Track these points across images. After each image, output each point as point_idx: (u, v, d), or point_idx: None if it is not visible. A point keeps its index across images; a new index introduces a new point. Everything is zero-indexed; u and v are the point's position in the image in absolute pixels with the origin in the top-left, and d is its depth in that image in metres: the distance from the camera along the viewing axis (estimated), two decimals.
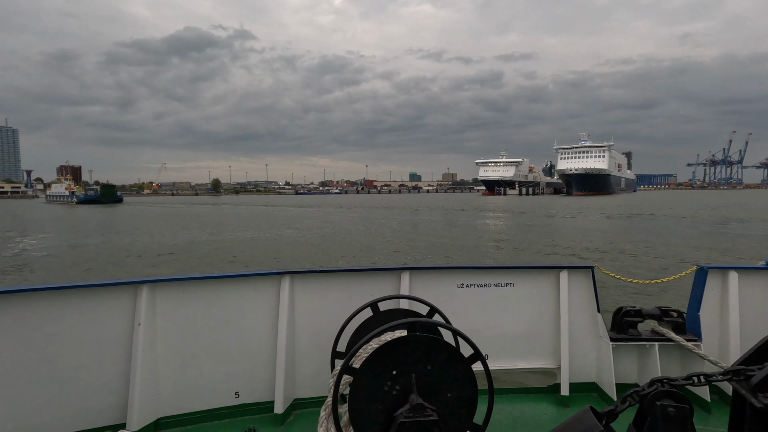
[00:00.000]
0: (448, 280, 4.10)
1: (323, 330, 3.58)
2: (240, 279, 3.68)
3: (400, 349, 2.52)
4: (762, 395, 2.52)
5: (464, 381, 2.58)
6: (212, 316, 3.56)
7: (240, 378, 3.63)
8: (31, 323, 3.07)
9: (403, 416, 2.41)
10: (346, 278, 3.91)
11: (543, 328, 4.21)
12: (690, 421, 2.74)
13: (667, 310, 4.25)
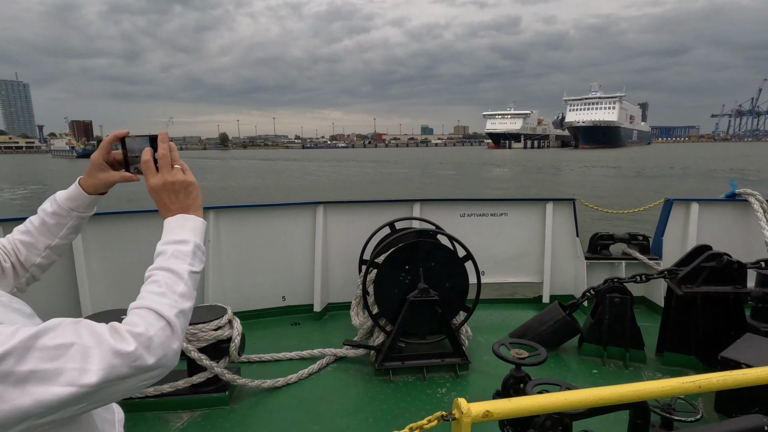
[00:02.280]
0: (452, 210, 4.83)
1: (350, 249, 4.36)
2: (284, 207, 4.48)
3: (411, 250, 3.30)
4: (684, 286, 3.30)
5: (459, 275, 3.37)
6: (263, 236, 4.38)
7: (285, 285, 4.49)
8: (125, 239, 3.91)
9: (413, 297, 3.22)
10: (368, 207, 4.66)
11: (530, 250, 4.95)
12: (630, 307, 3.55)
13: (635, 235, 4.96)
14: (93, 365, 0.65)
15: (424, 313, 3.25)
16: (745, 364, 2.29)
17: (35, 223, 1.05)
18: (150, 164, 0.93)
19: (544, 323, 3.79)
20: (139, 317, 0.74)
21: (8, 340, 0.61)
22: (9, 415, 0.60)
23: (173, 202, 0.94)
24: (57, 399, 0.62)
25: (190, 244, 0.89)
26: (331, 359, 3.50)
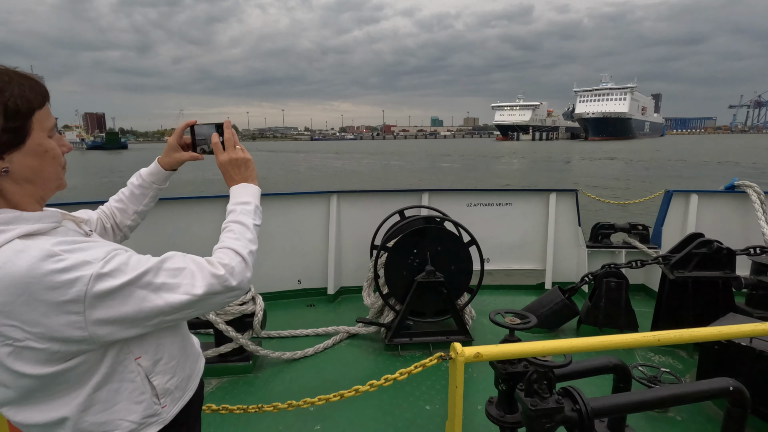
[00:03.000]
0: (459, 200, 5.04)
1: (362, 235, 4.59)
2: (300, 196, 4.72)
3: (419, 235, 3.53)
4: (676, 271, 3.49)
5: (463, 258, 3.59)
6: (280, 223, 4.63)
7: (301, 269, 4.75)
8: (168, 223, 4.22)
9: (420, 278, 3.45)
10: (380, 196, 4.89)
11: (534, 239, 5.15)
12: (625, 291, 3.75)
13: (636, 225, 5.12)
14: (199, 282, 0.91)
15: (431, 293, 3.48)
16: (724, 339, 2.49)
17: (126, 194, 1.33)
18: (219, 145, 1.18)
19: (545, 306, 4.00)
20: (223, 254, 0.99)
21: (147, 263, 0.87)
22: (149, 312, 0.86)
23: (237, 174, 1.19)
24: (178, 302, 0.88)
25: (251, 204, 1.16)
26: (344, 336, 3.76)
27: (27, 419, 0.89)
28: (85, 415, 0.89)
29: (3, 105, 0.81)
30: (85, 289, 0.79)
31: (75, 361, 0.85)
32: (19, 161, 0.86)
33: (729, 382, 1.94)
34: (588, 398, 1.80)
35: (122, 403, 0.93)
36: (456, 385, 1.38)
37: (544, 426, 1.72)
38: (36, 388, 0.86)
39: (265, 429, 2.64)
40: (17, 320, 0.78)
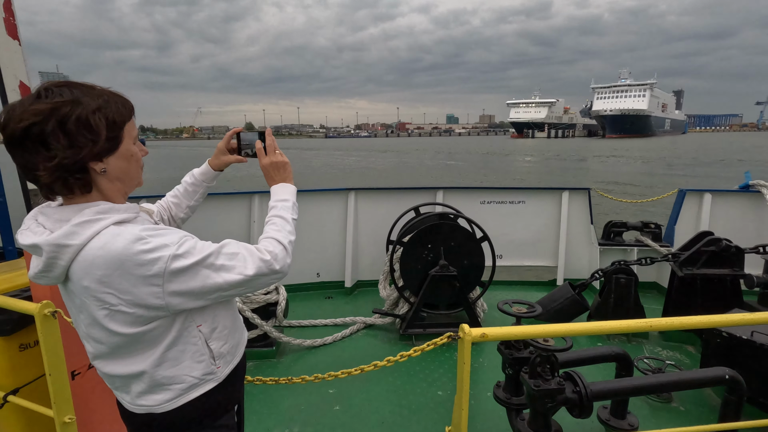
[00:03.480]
0: (473, 198, 5.15)
1: (378, 231, 4.76)
2: (319, 192, 4.92)
3: (433, 231, 3.67)
4: (685, 268, 3.56)
5: (476, 254, 3.72)
6: (300, 218, 4.81)
7: (320, 263, 4.95)
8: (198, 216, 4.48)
9: (434, 272, 3.60)
10: (396, 193, 5.04)
11: (546, 236, 5.23)
12: (635, 287, 3.83)
13: (648, 223, 5.16)
14: (250, 265, 1.09)
15: (444, 286, 3.62)
16: (725, 333, 2.58)
17: (180, 190, 1.53)
18: (262, 150, 1.36)
19: (555, 301, 4.10)
20: (268, 243, 1.17)
21: (210, 247, 1.06)
22: (210, 287, 1.04)
23: (277, 175, 1.38)
24: (233, 281, 1.06)
25: (290, 201, 1.34)
26: (361, 326, 3.94)
27: (113, 371, 1.09)
28: (158, 369, 1.08)
29: (106, 119, 0.99)
30: (165, 267, 0.97)
31: (153, 325, 1.04)
32: (113, 163, 1.04)
33: (725, 371, 2.04)
34: (589, 382, 1.93)
35: (187, 362, 1.11)
36: (464, 361, 1.53)
37: (546, 405, 1.86)
38: (123, 344, 1.05)
39: (288, 407, 2.83)
40: (113, 289, 0.97)
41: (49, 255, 0.97)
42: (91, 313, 1.01)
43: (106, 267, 0.95)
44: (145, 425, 1.15)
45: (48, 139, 0.94)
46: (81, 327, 1.09)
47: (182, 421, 1.14)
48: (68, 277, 1.01)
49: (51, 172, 0.95)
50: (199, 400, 1.14)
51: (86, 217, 0.98)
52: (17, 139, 0.94)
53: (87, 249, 0.96)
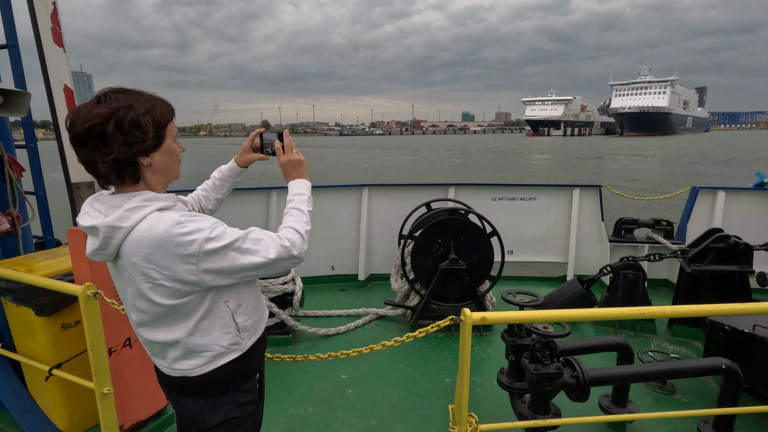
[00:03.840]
0: (485, 194, 5.23)
1: (391, 226, 4.88)
2: (334, 188, 5.08)
3: (444, 226, 3.78)
4: (693, 264, 3.60)
5: (485, 248, 3.82)
6: (315, 213, 4.98)
7: (334, 257, 5.10)
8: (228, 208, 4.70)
9: (444, 266, 3.71)
10: (408, 190, 5.16)
11: (557, 232, 5.28)
12: (642, 283, 3.87)
13: (660, 221, 5.16)
14: (272, 250, 1.23)
15: (454, 280, 3.74)
16: (728, 326, 2.63)
17: (209, 185, 1.69)
18: (280, 150, 1.50)
19: (563, 295, 4.17)
20: (287, 231, 1.31)
21: (237, 233, 1.20)
22: (237, 268, 1.19)
23: (294, 172, 1.52)
24: (257, 263, 1.21)
25: (305, 195, 1.48)
26: (373, 317, 4.08)
27: (153, 338, 1.25)
28: (191, 338, 1.23)
29: (152, 120, 1.16)
30: (199, 248, 1.12)
31: (188, 299, 1.19)
32: (157, 158, 1.20)
33: (722, 361, 2.11)
34: (587, 368, 2.03)
35: (215, 333, 1.26)
36: (465, 342, 1.65)
37: (545, 388, 1.96)
38: (163, 314, 1.20)
39: (303, 390, 2.98)
40: (156, 265, 1.12)
41: (104, 235, 1.13)
42: (137, 285, 1.17)
43: (151, 246, 1.11)
44: (180, 387, 1.31)
45: (107, 138, 1.10)
46: (127, 298, 1.25)
47: (212, 384, 1.29)
48: (119, 255, 1.17)
49: (108, 165, 1.12)
50: (226, 367, 1.29)
51: (135, 203, 1.14)
52: (81, 137, 1.11)
53: (136, 230, 1.13)
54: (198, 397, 1.30)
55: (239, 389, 1.34)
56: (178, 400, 1.34)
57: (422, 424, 2.63)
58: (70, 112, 1.13)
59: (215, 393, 1.31)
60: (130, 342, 2.39)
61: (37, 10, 2.04)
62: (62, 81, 2.11)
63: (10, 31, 2.63)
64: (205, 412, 1.30)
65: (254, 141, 1.58)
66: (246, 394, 1.36)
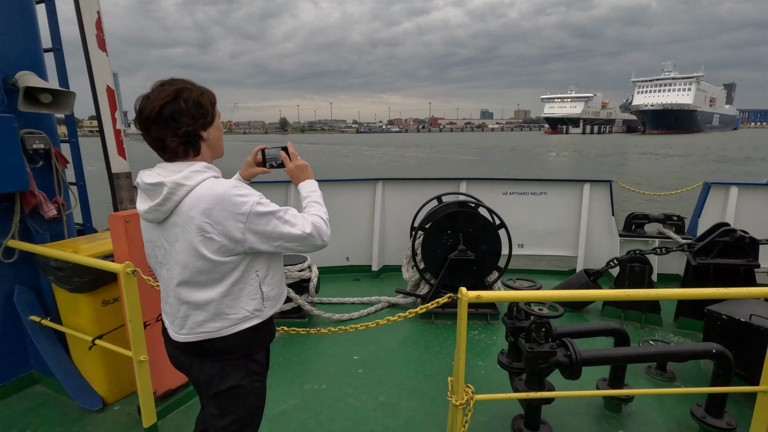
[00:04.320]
0: (496, 189, 5.34)
1: (404, 219, 5.04)
2: (349, 182, 5.28)
3: (453, 218, 3.92)
4: (698, 258, 3.66)
5: (493, 240, 3.95)
6: (331, 206, 5.18)
7: (349, 248, 5.31)
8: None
9: (453, 256, 3.85)
10: (421, 184, 5.32)
11: (567, 227, 5.34)
12: (648, 276, 3.92)
13: (671, 216, 5.17)
14: (307, 226, 1.43)
15: (463, 270, 3.88)
16: (726, 315, 2.71)
17: None
18: (287, 158, 1.73)
19: (571, 287, 4.27)
20: (315, 218, 1.51)
21: (279, 207, 1.40)
22: (277, 234, 1.36)
23: (302, 175, 1.73)
24: (294, 234, 1.39)
25: (317, 192, 1.69)
26: (385, 305, 4.25)
27: (190, 297, 1.41)
28: (223, 300, 1.41)
29: (209, 100, 1.38)
30: (250, 209, 1.31)
31: (228, 259, 1.36)
32: (212, 133, 1.42)
33: (713, 346, 2.21)
34: (580, 349, 2.16)
35: (244, 298, 1.43)
36: (461, 318, 1.81)
37: (539, 366, 2.10)
38: (204, 270, 1.36)
39: (317, 369, 3.18)
40: (211, 220, 1.30)
41: (169, 190, 1.31)
42: (188, 239, 1.33)
43: (211, 201, 1.30)
44: (200, 351, 1.45)
45: (176, 115, 1.31)
46: (173, 255, 1.39)
47: (232, 348, 1.45)
48: (173, 213, 1.34)
49: (179, 138, 1.33)
50: (246, 332, 1.46)
51: (197, 168, 1.35)
52: (154, 117, 1.30)
53: (197, 189, 1.32)
54: (216, 360, 1.45)
55: (253, 358, 1.51)
56: (195, 363, 1.48)
57: (427, 402, 2.80)
58: (138, 99, 1.34)
59: (233, 357, 1.46)
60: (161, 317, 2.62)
61: (84, 19, 2.27)
62: (105, 82, 2.34)
63: (55, 36, 2.90)
64: (220, 375, 1.45)
65: (257, 156, 1.76)
66: (257, 365, 1.52)
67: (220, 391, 1.47)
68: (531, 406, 2.31)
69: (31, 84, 2.47)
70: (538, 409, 2.32)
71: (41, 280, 2.90)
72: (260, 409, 1.59)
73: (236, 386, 1.47)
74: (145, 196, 1.38)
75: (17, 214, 2.70)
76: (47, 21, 2.89)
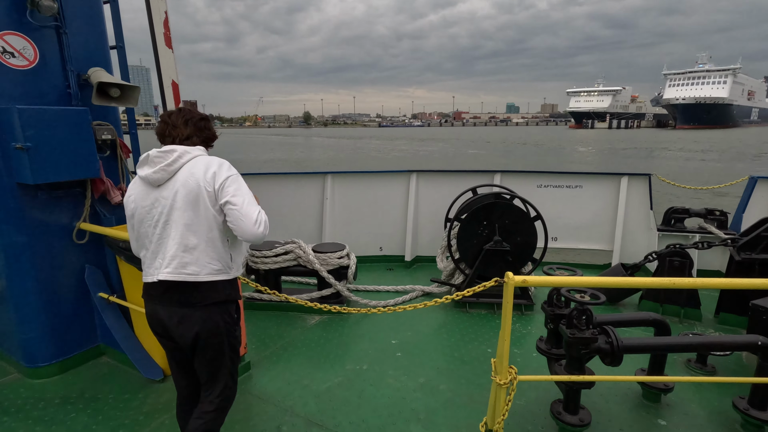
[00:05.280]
0: (530, 182, 5.29)
1: (437, 211, 5.10)
2: (384, 174, 5.38)
3: (489, 209, 3.96)
4: (743, 253, 3.59)
5: (528, 232, 3.96)
6: (366, 197, 5.31)
7: (383, 238, 5.41)
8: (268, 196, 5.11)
9: (488, 247, 3.90)
10: (455, 176, 5.35)
11: (603, 220, 5.24)
12: (689, 271, 3.83)
13: (713, 210, 4.93)
14: (255, 209, 1.74)
15: (497, 260, 3.91)
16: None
17: None
18: None
19: None
20: (264, 216, 1.79)
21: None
22: (241, 192, 1.73)
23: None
24: (246, 198, 1.73)
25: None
26: (419, 293, 4.34)
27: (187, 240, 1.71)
28: (206, 248, 1.72)
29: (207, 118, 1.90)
30: (228, 174, 1.74)
31: (212, 210, 1.70)
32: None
33: (758, 338, 2.19)
34: (621, 337, 2.18)
35: (219, 254, 1.76)
36: (507, 301, 1.86)
37: (580, 351, 2.14)
38: (198, 214, 1.70)
39: (358, 351, 3.30)
40: (206, 177, 1.69)
41: (178, 154, 1.71)
42: (189, 188, 1.68)
43: (205, 166, 1.72)
44: (192, 291, 1.73)
45: (203, 124, 1.87)
46: (176, 205, 1.69)
47: (216, 293, 1.76)
48: (176, 174, 1.70)
49: (200, 138, 1.85)
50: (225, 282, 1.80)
51: (196, 147, 1.80)
52: (196, 120, 1.84)
53: (198, 158, 1.75)
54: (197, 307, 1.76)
55: (226, 308, 1.83)
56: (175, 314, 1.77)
57: (464, 385, 2.88)
58: (174, 111, 1.86)
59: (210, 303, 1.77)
60: None
61: (154, 18, 2.43)
62: (170, 76, 2.49)
63: (119, 35, 3.08)
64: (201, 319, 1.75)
65: None
66: (236, 310, 1.91)
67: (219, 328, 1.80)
68: (571, 390, 2.35)
69: (102, 79, 2.65)
70: (577, 393, 2.36)
71: (107, 260, 3.12)
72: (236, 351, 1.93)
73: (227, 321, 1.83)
74: (153, 164, 1.72)
75: (88, 199, 2.91)
76: (111, 20, 3.06)
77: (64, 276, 2.95)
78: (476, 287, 2.23)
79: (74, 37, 2.75)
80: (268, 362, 3.17)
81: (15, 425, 2.52)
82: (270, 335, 3.56)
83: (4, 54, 2.45)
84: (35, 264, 2.79)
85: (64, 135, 2.54)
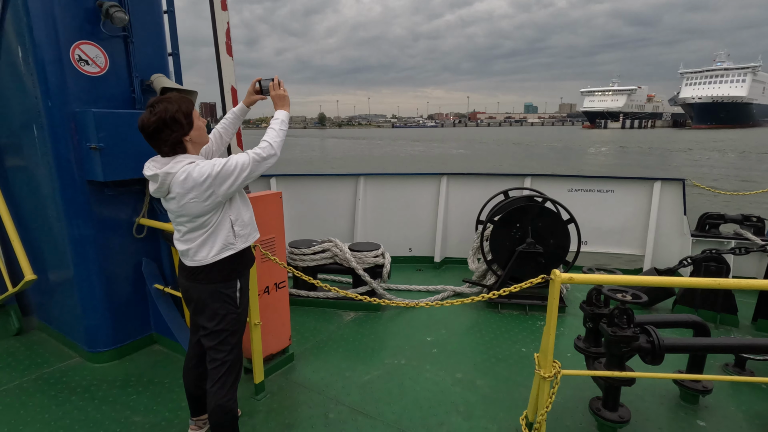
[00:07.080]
0: (561, 185, 5.25)
1: (466, 213, 5.12)
2: (414, 176, 5.44)
3: (522, 211, 3.99)
4: None
5: (561, 235, 3.97)
6: (397, 198, 5.39)
7: (412, 239, 5.46)
8: (303, 196, 5.24)
9: (521, 249, 3.93)
10: (485, 179, 5.35)
11: (635, 225, 5.13)
12: (725, 276, 3.74)
13: (749, 216, 4.76)
14: (242, 157, 1.88)
15: (530, 262, 3.93)
16: None
17: (226, 123, 2.31)
18: (271, 87, 2.14)
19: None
20: (260, 144, 1.93)
21: (214, 166, 1.85)
22: (226, 173, 1.85)
23: (279, 103, 2.12)
24: (237, 169, 1.86)
25: (279, 119, 2.05)
26: (450, 293, 4.40)
27: (192, 236, 1.94)
28: (206, 240, 1.92)
29: (184, 112, 1.84)
30: (209, 173, 1.81)
31: (206, 213, 1.87)
32: (192, 135, 1.88)
33: None
34: (662, 337, 2.21)
35: (221, 236, 1.95)
36: (554, 297, 1.92)
37: (621, 349, 2.18)
38: (194, 220, 1.88)
39: (394, 347, 3.38)
40: (193, 189, 1.81)
41: (162, 178, 1.80)
42: (181, 202, 1.82)
43: (187, 179, 1.81)
44: (198, 272, 1.95)
45: (163, 133, 1.82)
46: (181, 212, 1.86)
47: (219, 272, 1.95)
48: (169, 190, 1.82)
49: (168, 146, 1.84)
50: (227, 259, 1.96)
51: (178, 159, 1.84)
52: (150, 133, 1.83)
53: (178, 173, 1.80)
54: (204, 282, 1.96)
55: (230, 282, 2.01)
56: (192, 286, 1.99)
57: (502, 381, 2.93)
58: (141, 118, 1.85)
59: (215, 280, 1.97)
60: (268, 290, 2.91)
61: (218, 28, 2.55)
62: (230, 82, 2.62)
63: (174, 43, 3.22)
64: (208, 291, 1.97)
65: (255, 86, 2.22)
66: (234, 290, 2.03)
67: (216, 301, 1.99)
68: (611, 387, 2.39)
69: (164, 84, 2.80)
70: (617, 390, 2.40)
71: (162, 253, 3.27)
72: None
73: (226, 298, 2.01)
74: (151, 182, 1.89)
75: (147, 196, 3.06)
76: (168, 29, 3.21)
77: (123, 268, 3.11)
78: (511, 287, 2.28)
79: (139, 45, 2.91)
80: (309, 355, 3.28)
81: (83, 404, 2.68)
82: (309, 329, 3.68)
83: (79, 62, 2.61)
84: (99, 255, 2.96)
85: (131, 136, 2.69)
